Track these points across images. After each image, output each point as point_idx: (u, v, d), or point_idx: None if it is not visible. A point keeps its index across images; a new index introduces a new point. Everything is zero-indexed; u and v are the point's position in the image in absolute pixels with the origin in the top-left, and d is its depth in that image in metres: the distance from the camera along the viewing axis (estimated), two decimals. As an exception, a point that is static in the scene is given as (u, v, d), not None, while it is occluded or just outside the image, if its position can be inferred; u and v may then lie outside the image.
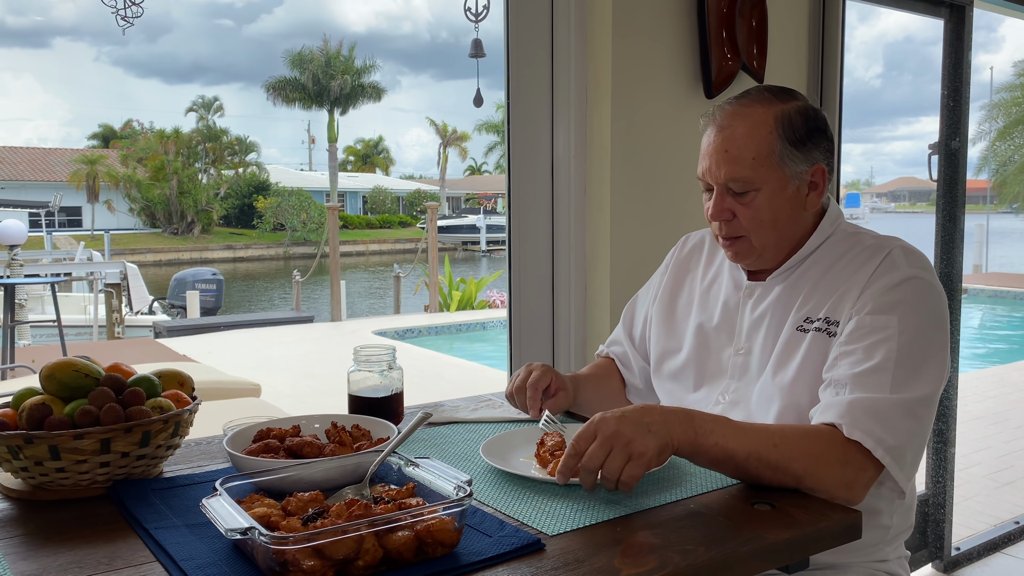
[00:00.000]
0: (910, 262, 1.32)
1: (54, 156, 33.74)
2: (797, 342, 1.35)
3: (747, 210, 1.36)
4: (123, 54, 79.43)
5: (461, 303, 14.10)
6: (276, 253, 32.97)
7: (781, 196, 1.35)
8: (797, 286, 1.40)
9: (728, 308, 1.49)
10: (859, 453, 1.17)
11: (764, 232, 1.37)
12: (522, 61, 2.13)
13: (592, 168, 2.16)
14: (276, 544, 0.83)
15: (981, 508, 3.67)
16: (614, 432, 1.10)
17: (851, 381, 1.22)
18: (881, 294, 1.28)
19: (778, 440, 1.16)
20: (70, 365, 1.20)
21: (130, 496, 1.12)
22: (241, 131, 51.69)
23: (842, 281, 1.34)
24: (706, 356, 1.50)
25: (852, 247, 1.39)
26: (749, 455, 1.14)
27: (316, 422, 1.34)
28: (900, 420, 1.19)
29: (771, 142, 1.33)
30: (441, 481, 1.01)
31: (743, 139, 1.34)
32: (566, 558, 0.94)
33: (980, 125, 22.41)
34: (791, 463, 1.14)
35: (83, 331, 11.80)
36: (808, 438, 1.18)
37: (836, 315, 1.32)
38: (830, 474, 1.15)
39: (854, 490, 1.17)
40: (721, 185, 1.36)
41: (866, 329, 1.26)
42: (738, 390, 1.43)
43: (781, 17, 2.40)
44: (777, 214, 1.36)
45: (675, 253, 1.67)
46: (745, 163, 1.33)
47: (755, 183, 1.34)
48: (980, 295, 14.90)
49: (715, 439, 1.14)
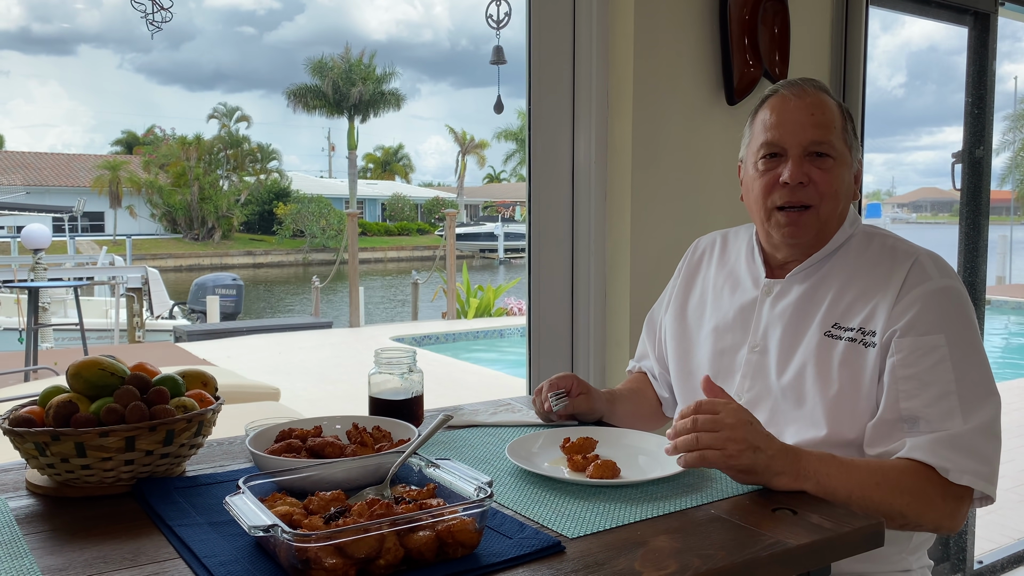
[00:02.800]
0: (940, 271, 1.33)
1: (78, 162, 34.18)
2: (828, 348, 1.35)
3: (825, 175, 1.37)
4: (146, 61, 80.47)
5: (479, 310, 14.11)
6: (295, 259, 33.16)
7: (848, 172, 1.40)
8: (821, 287, 1.40)
9: (744, 305, 1.49)
10: (956, 486, 1.21)
11: (832, 203, 1.38)
12: (544, 68, 2.13)
13: (613, 175, 2.16)
14: (299, 542, 0.84)
15: (1004, 522, 3.62)
16: (731, 424, 1.15)
17: (923, 416, 1.24)
18: (922, 310, 1.29)
19: (880, 479, 1.20)
20: (96, 364, 1.21)
21: (154, 494, 1.13)
22: (262, 138, 52.08)
23: (873, 289, 1.34)
24: (721, 354, 1.50)
25: (873, 248, 1.40)
26: (851, 493, 1.17)
27: (337, 423, 1.35)
28: (984, 445, 1.23)
29: (841, 118, 1.40)
30: (462, 482, 1.02)
31: (826, 108, 1.38)
32: (586, 561, 0.94)
33: (1004, 135, 22.21)
34: (894, 500, 1.19)
35: (104, 335, 11.92)
36: (907, 474, 1.21)
37: (871, 325, 1.32)
38: (932, 508, 1.20)
39: (956, 519, 1.23)
40: (802, 148, 1.37)
41: (918, 352, 1.27)
42: (754, 388, 1.43)
43: (804, 24, 2.40)
44: (841, 188, 1.39)
45: (687, 259, 1.68)
46: (831, 128, 1.37)
47: (836, 150, 1.37)
48: (1004, 306, 14.73)
49: (817, 479, 1.16)
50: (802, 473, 1.16)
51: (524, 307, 2.18)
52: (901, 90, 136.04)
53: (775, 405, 1.40)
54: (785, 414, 1.38)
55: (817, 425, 1.33)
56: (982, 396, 1.25)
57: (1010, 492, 4.13)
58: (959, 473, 1.20)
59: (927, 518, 1.20)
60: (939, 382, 1.24)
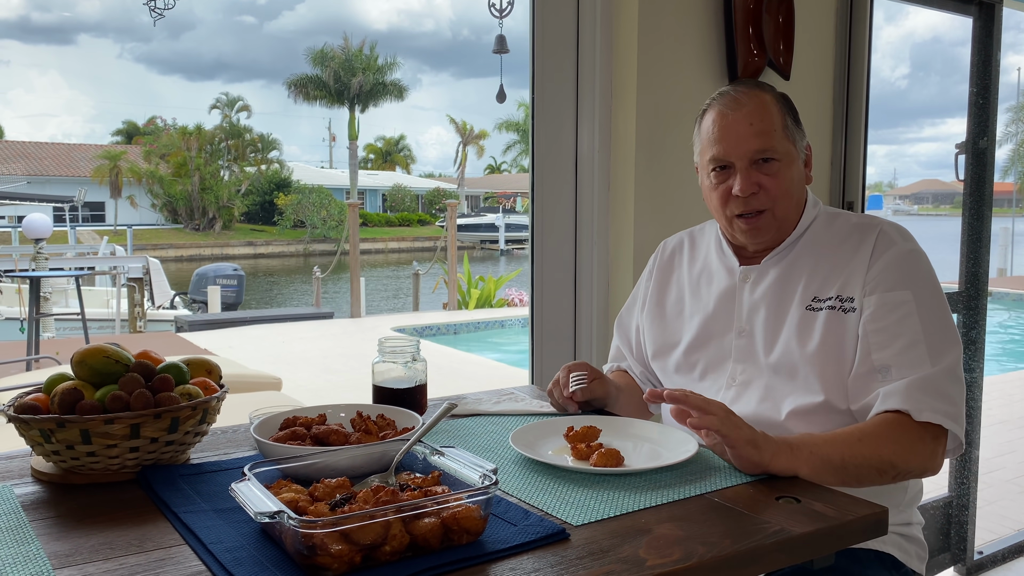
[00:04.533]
0: (903, 237, 1.42)
1: (78, 152, 34.14)
2: (811, 320, 1.41)
3: (773, 180, 1.43)
4: (146, 51, 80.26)
5: (479, 301, 14.11)
6: (296, 250, 33.16)
7: (795, 167, 1.45)
8: (795, 267, 1.47)
9: (724, 294, 1.54)
10: (930, 427, 1.28)
11: (785, 202, 1.45)
12: (547, 57, 2.13)
13: (616, 165, 2.16)
14: (305, 528, 0.84)
15: (1005, 512, 3.63)
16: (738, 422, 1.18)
17: (894, 364, 1.31)
18: (890, 271, 1.37)
19: (860, 435, 1.26)
20: (101, 351, 1.21)
21: (158, 481, 1.14)
22: (263, 128, 52.05)
23: (844, 260, 1.42)
24: (706, 343, 1.54)
25: (839, 226, 1.48)
26: (843, 455, 1.22)
27: (342, 411, 1.35)
28: (950, 387, 1.30)
29: (782, 117, 1.44)
30: (466, 470, 1.02)
31: (762, 113, 1.42)
32: (591, 548, 0.94)
33: (1007, 127, 22.15)
34: (881, 450, 1.25)
35: (105, 324, 11.92)
36: (884, 425, 1.28)
37: (848, 292, 1.39)
38: (915, 452, 1.27)
39: (937, 459, 1.29)
40: (747, 160, 1.42)
41: (887, 307, 1.35)
42: (746, 371, 1.48)
43: (808, 14, 2.39)
44: (792, 185, 1.45)
45: (656, 259, 1.72)
46: (771, 134, 1.42)
47: (779, 153, 1.42)
48: (1005, 298, 14.71)
49: (809, 450, 1.20)
50: (794, 446, 1.20)
51: (525, 298, 2.18)
52: (904, 81, 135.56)
53: (768, 382, 1.44)
54: (778, 389, 1.43)
55: (813, 391, 1.38)
56: (947, 344, 1.33)
57: (1010, 483, 4.14)
58: (931, 412, 1.27)
59: (914, 463, 1.27)
60: (907, 333, 1.32)
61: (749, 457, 1.16)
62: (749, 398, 1.45)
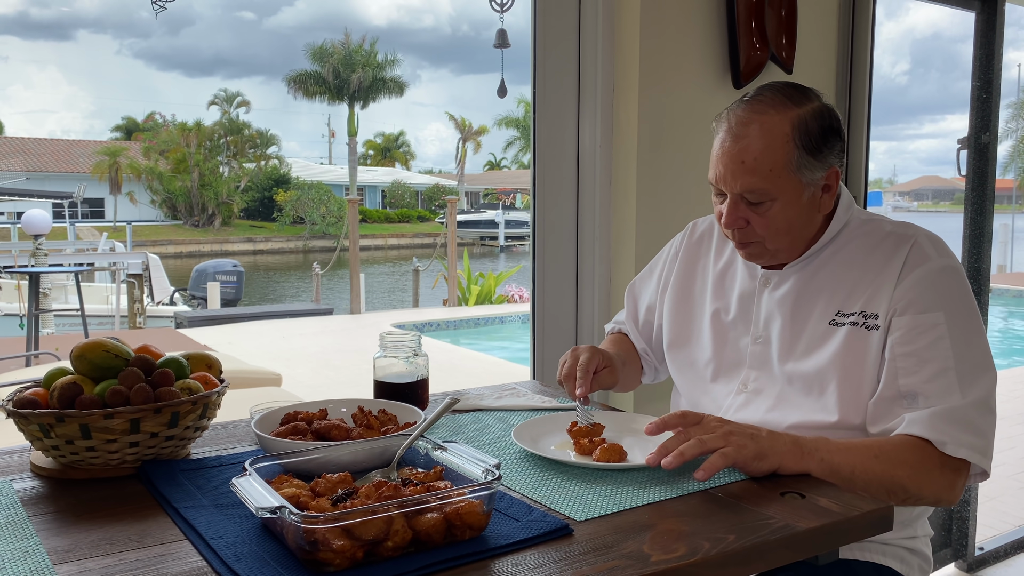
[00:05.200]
0: (939, 251, 1.33)
1: (77, 148, 34.09)
2: (831, 334, 1.35)
3: (762, 219, 1.34)
4: (145, 47, 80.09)
5: (479, 297, 14.10)
6: (296, 246, 33.12)
7: (797, 204, 1.34)
8: (818, 276, 1.40)
9: (744, 297, 1.48)
10: (953, 458, 1.22)
11: (778, 238, 1.37)
12: (549, 51, 2.11)
13: (618, 160, 2.15)
14: (307, 523, 0.83)
15: (1006, 509, 3.63)
16: (721, 422, 1.17)
17: (922, 392, 1.25)
18: (922, 289, 1.29)
19: (877, 452, 1.21)
20: (100, 346, 1.21)
21: (159, 476, 1.13)
22: (262, 124, 51.90)
23: (873, 273, 1.34)
24: (723, 345, 1.49)
25: (870, 234, 1.39)
26: (854, 468, 1.18)
27: (343, 406, 1.34)
28: (979, 418, 1.24)
29: (788, 152, 1.30)
30: (469, 465, 1.01)
31: (760, 151, 1.31)
32: (595, 543, 0.93)
33: (1008, 123, 22.14)
34: (894, 472, 1.20)
35: (105, 320, 11.91)
36: (905, 448, 1.22)
37: (873, 308, 1.32)
38: (931, 481, 1.22)
39: (955, 491, 1.24)
40: (736, 195, 1.35)
41: (918, 330, 1.28)
42: (759, 379, 1.43)
43: (811, 7, 2.38)
44: (792, 221, 1.35)
45: (684, 239, 1.64)
46: (762, 175, 1.31)
47: (771, 193, 1.32)
48: (1005, 295, 14.72)
49: (820, 456, 1.17)
50: (805, 449, 1.17)
51: (525, 294, 2.17)
52: (904, 78, 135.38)
53: (781, 392, 1.39)
54: (790, 401, 1.38)
55: (828, 410, 1.33)
56: (979, 372, 1.26)
57: (1011, 479, 4.14)
58: (955, 446, 1.21)
59: (927, 490, 1.22)
60: (938, 359, 1.25)
61: (759, 470, 1.15)
62: (758, 406, 1.40)
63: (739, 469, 1.15)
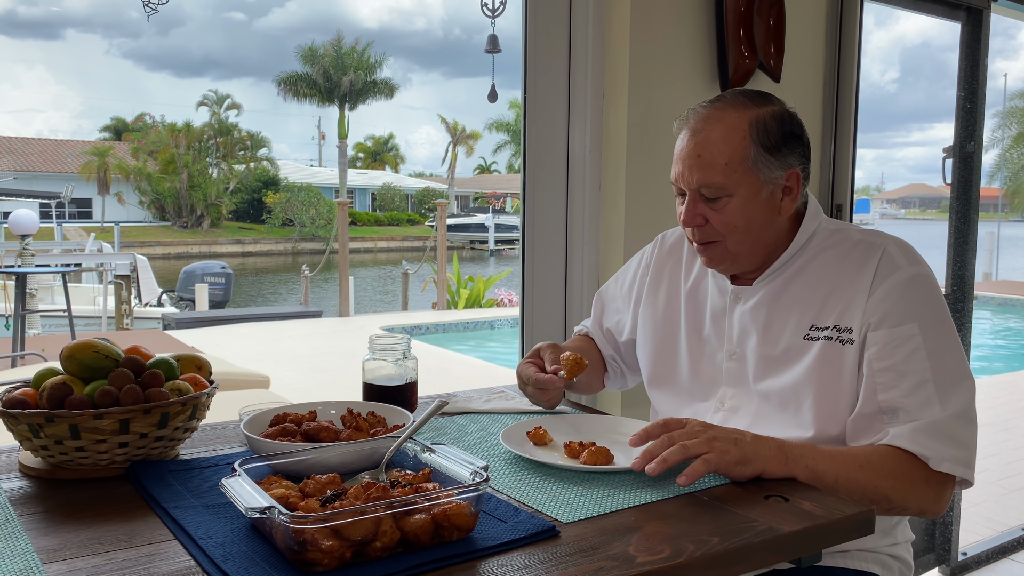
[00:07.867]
0: (909, 259, 1.34)
1: (65, 148, 33.92)
2: (806, 349, 1.35)
3: (719, 216, 1.35)
4: (134, 47, 79.80)
5: (469, 301, 14.10)
6: (285, 248, 33.04)
7: (755, 201, 1.35)
8: (789, 289, 1.40)
9: (716, 314, 1.48)
10: (940, 472, 1.22)
11: (737, 237, 1.36)
12: (539, 57, 2.13)
13: (607, 165, 2.16)
14: (295, 523, 0.84)
15: (989, 514, 3.66)
16: (703, 428, 1.17)
17: (902, 407, 1.25)
18: (894, 300, 1.30)
19: (863, 461, 1.22)
20: (90, 346, 1.21)
21: (148, 476, 1.13)
22: (252, 126, 51.84)
23: (844, 285, 1.34)
24: (699, 360, 1.49)
25: (839, 244, 1.39)
26: (838, 477, 1.19)
27: (332, 408, 1.35)
28: (963, 431, 1.24)
29: (745, 147, 1.32)
30: (457, 467, 1.02)
31: (717, 144, 1.33)
32: (581, 545, 0.94)
33: (994, 132, 22.33)
34: (879, 483, 1.21)
35: (92, 322, 11.85)
36: (890, 459, 1.23)
37: (847, 322, 1.32)
38: (916, 492, 1.22)
39: (940, 503, 1.25)
40: (694, 191, 1.36)
41: (893, 344, 1.28)
42: (736, 396, 1.43)
43: (799, 17, 2.40)
44: (750, 220, 1.35)
45: (654, 252, 1.64)
46: (718, 168, 1.32)
47: (728, 189, 1.33)
48: (990, 302, 14.84)
49: (805, 462, 1.18)
50: (790, 455, 1.18)
51: (514, 298, 2.18)
52: (893, 86, 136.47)
53: (758, 409, 1.40)
54: (768, 417, 1.38)
55: (804, 426, 1.33)
56: (957, 381, 1.26)
57: (994, 485, 4.17)
58: (939, 460, 1.22)
59: (911, 501, 1.23)
60: (915, 372, 1.25)
61: (742, 475, 1.15)
62: (736, 423, 1.39)
63: (722, 474, 1.16)
